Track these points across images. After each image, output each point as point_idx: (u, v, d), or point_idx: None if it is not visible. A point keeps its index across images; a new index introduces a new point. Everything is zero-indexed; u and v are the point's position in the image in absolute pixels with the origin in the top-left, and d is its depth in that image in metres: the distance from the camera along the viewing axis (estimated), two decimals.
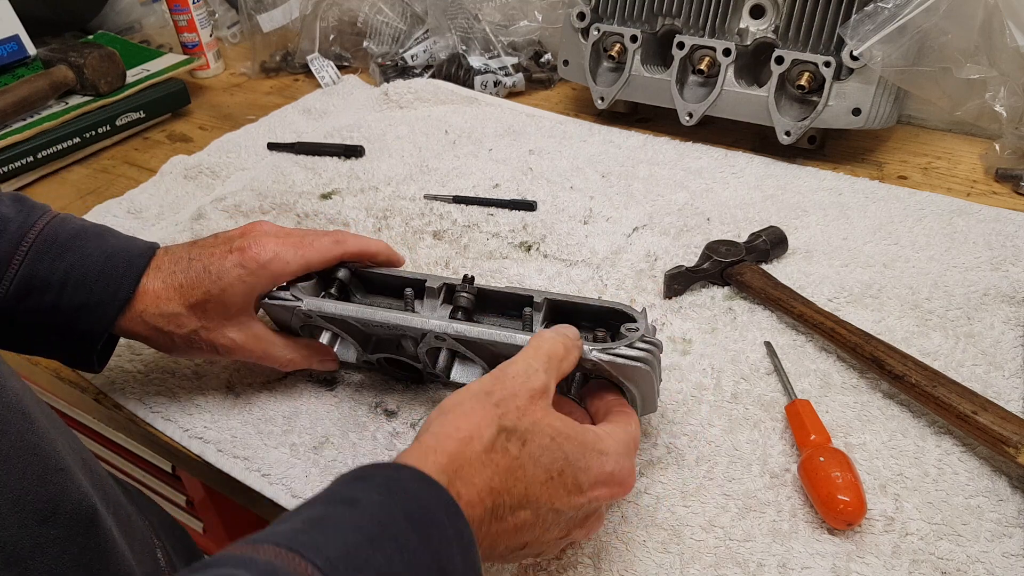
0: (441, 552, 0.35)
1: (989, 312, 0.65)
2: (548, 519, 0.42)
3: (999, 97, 0.85)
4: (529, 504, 0.41)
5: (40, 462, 0.40)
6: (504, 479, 0.40)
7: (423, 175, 0.91)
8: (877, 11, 0.79)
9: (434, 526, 0.35)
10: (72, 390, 0.67)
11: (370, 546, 0.33)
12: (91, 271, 0.54)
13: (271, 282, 0.57)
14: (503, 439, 0.40)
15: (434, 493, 0.37)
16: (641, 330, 0.51)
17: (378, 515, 0.35)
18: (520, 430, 0.41)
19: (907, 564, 0.48)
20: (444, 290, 0.59)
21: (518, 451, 0.41)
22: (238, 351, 0.58)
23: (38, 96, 1.02)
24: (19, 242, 0.54)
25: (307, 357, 0.61)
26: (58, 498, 0.41)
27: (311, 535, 0.33)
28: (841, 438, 0.56)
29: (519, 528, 0.41)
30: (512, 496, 0.40)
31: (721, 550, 0.49)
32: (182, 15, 1.20)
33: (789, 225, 0.77)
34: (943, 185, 0.86)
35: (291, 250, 0.57)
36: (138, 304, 0.55)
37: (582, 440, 0.43)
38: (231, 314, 0.57)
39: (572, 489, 0.42)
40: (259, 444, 0.59)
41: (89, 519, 0.42)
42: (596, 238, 0.79)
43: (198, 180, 0.95)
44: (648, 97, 0.96)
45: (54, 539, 0.40)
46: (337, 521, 0.34)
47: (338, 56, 1.24)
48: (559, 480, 0.42)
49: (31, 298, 0.54)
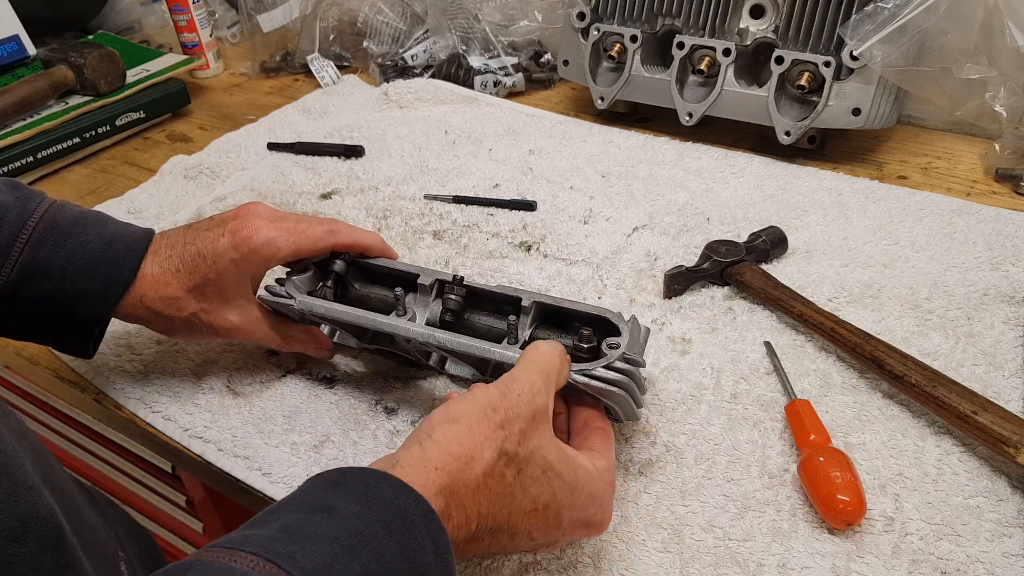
0: (418, 559, 0.35)
1: (989, 312, 0.65)
2: (521, 544, 0.43)
3: (999, 97, 0.85)
4: (509, 530, 0.42)
5: (9, 480, 0.40)
6: (492, 504, 0.41)
7: (423, 175, 0.91)
8: (877, 11, 0.79)
9: (411, 534, 0.36)
10: (72, 390, 0.67)
11: (348, 556, 0.33)
12: (91, 258, 0.55)
13: (263, 266, 0.58)
14: (502, 464, 0.41)
15: (411, 501, 0.37)
16: (623, 346, 0.51)
17: (356, 525, 0.35)
18: (519, 458, 0.41)
19: (907, 564, 0.48)
20: (436, 286, 0.59)
21: (513, 479, 0.41)
22: (237, 332, 0.59)
23: (38, 96, 1.02)
24: (19, 229, 0.54)
25: (304, 341, 0.62)
26: (28, 516, 0.40)
27: (288, 545, 0.33)
28: (841, 438, 0.56)
29: (492, 546, 0.42)
30: (495, 520, 0.41)
31: (721, 550, 0.49)
32: (182, 15, 1.20)
33: (789, 225, 0.77)
34: (943, 185, 0.86)
35: (283, 236, 0.58)
36: (137, 289, 0.56)
37: (572, 480, 0.44)
38: (228, 297, 0.58)
39: (552, 524, 0.43)
40: (259, 443, 0.59)
41: (58, 536, 0.42)
42: (596, 238, 0.79)
43: (198, 180, 0.95)
44: (648, 97, 0.96)
45: (25, 557, 0.40)
46: (314, 530, 0.34)
47: (338, 56, 1.24)
48: (543, 513, 0.42)
49: (32, 285, 0.54)
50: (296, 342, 0.62)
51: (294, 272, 0.60)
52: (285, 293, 0.58)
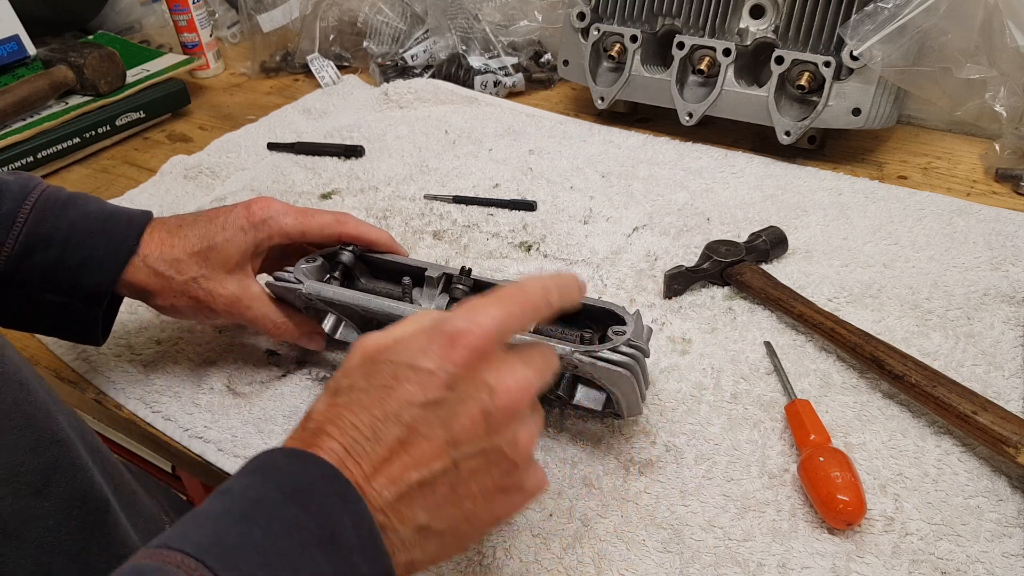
0: (325, 516, 0.34)
1: (989, 312, 0.65)
2: (467, 488, 0.38)
3: (999, 97, 0.85)
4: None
5: (34, 433, 0.40)
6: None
7: (423, 175, 0.91)
8: (877, 11, 0.79)
9: (312, 493, 0.34)
10: (72, 390, 0.67)
11: (244, 524, 0.32)
12: (94, 226, 0.56)
13: (268, 241, 0.59)
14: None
15: (307, 463, 0.35)
16: (628, 333, 0.51)
17: (250, 496, 0.34)
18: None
19: (907, 564, 0.48)
20: (443, 280, 0.60)
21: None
22: (234, 306, 0.59)
23: (38, 96, 1.02)
24: (22, 201, 0.55)
25: (297, 329, 0.62)
26: (51, 470, 0.40)
27: (180, 529, 0.32)
28: (841, 438, 0.56)
29: (430, 501, 0.37)
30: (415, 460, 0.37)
31: (721, 550, 0.49)
32: (182, 15, 1.20)
33: (789, 225, 0.77)
34: (943, 185, 0.86)
35: (292, 216, 0.60)
36: (142, 250, 0.57)
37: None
38: (231, 266, 0.58)
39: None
40: (260, 443, 0.59)
41: (87, 493, 0.42)
42: (596, 238, 0.79)
43: (198, 180, 0.95)
44: (648, 97, 0.96)
45: (49, 511, 0.40)
46: (206, 511, 0.34)
47: (338, 56, 1.24)
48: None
49: (35, 255, 0.54)
50: (290, 329, 0.61)
51: (303, 263, 0.61)
52: (294, 278, 0.59)
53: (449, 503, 0.37)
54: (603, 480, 0.54)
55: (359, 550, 0.34)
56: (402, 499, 0.36)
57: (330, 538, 0.33)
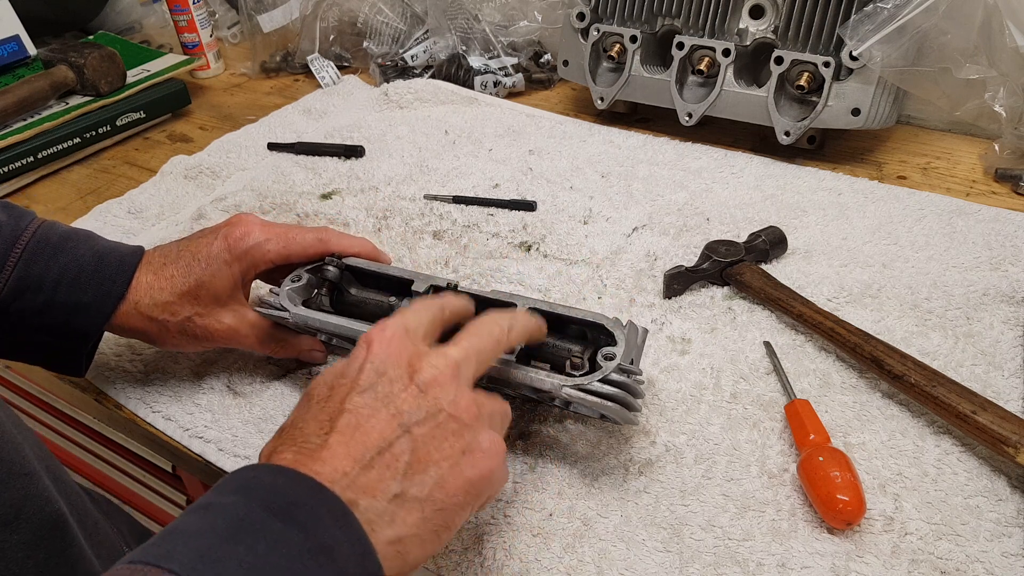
0: (313, 531, 0.34)
1: (988, 312, 0.66)
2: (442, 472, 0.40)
3: (998, 97, 0.85)
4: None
5: (3, 467, 0.40)
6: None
7: (423, 175, 0.92)
8: (877, 11, 0.79)
9: (298, 508, 0.35)
10: (72, 390, 0.67)
11: (228, 542, 0.33)
12: (84, 270, 0.56)
13: (253, 268, 0.59)
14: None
15: (290, 478, 0.36)
16: (618, 357, 0.51)
17: (234, 513, 0.34)
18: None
19: (906, 564, 0.48)
20: (430, 292, 0.59)
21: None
22: (233, 336, 0.59)
23: (38, 96, 1.02)
24: (14, 243, 0.55)
25: (295, 349, 0.63)
26: (22, 503, 0.40)
27: (163, 546, 0.33)
28: (840, 438, 0.56)
29: (408, 502, 0.39)
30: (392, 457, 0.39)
31: (720, 549, 0.49)
32: (182, 15, 1.21)
33: (788, 225, 0.77)
34: (942, 185, 0.86)
35: (274, 239, 0.59)
36: (132, 297, 0.56)
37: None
38: (223, 300, 0.58)
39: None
40: (260, 443, 0.59)
41: (54, 524, 0.42)
42: (596, 238, 0.79)
43: (198, 180, 0.95)
44: (648, 97, 0.96)
45: (18, 544, 0.40)
46: (188, 527, 0.34)
47: (338, 56, 1.24)
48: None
49: (24, 299, 0.54)
50: (291, 347, 0.63)
51: (288, 283, 0.60)
52: (279, 305, 0.58)
53: (415, 469, 0.39)
54: (603, 480, 0.55)
55: (344, 543, 0.35)
56: (366, 470, 0.38)
57: (320, 550, 0.34)
